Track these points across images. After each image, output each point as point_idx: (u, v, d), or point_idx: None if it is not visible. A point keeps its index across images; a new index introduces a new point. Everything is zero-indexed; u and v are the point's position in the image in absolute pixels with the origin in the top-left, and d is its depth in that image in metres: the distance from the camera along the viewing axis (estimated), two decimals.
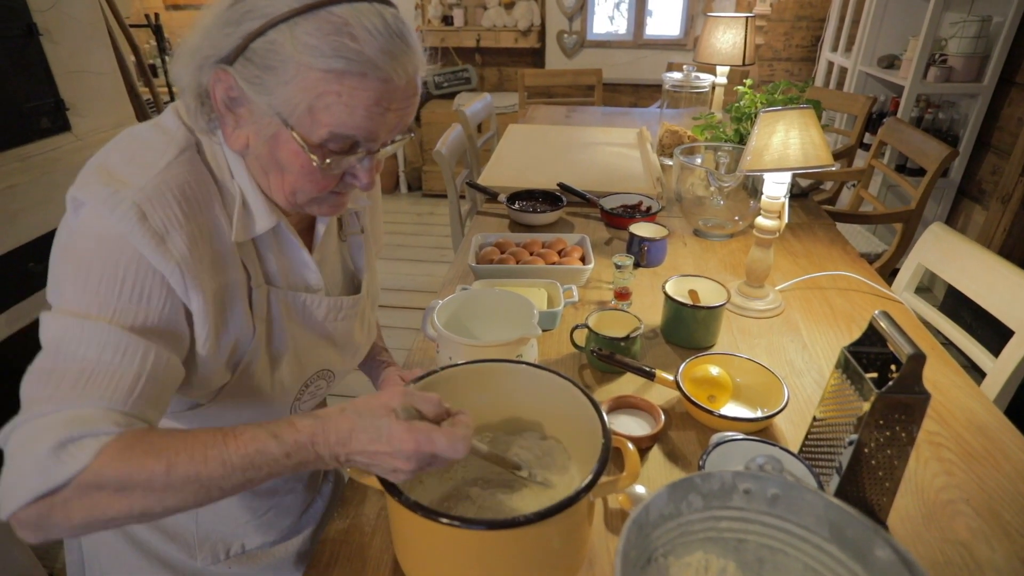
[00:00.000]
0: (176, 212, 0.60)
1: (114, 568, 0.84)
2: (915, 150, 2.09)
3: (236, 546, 0.86)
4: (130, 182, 0.59)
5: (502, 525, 0.55)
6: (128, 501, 0.51)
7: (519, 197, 1.67)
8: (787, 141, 1.04)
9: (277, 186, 0.66)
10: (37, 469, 0.50)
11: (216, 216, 0.65)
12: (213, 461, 0.53)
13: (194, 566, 0.84)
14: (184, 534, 0.83)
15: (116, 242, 0.58)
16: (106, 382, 0.55)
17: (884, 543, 0.49)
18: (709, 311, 1.08)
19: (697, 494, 0.56)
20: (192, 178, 0.63)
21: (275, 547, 0.89)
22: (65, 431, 0.51)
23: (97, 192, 0.58)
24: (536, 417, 0.78)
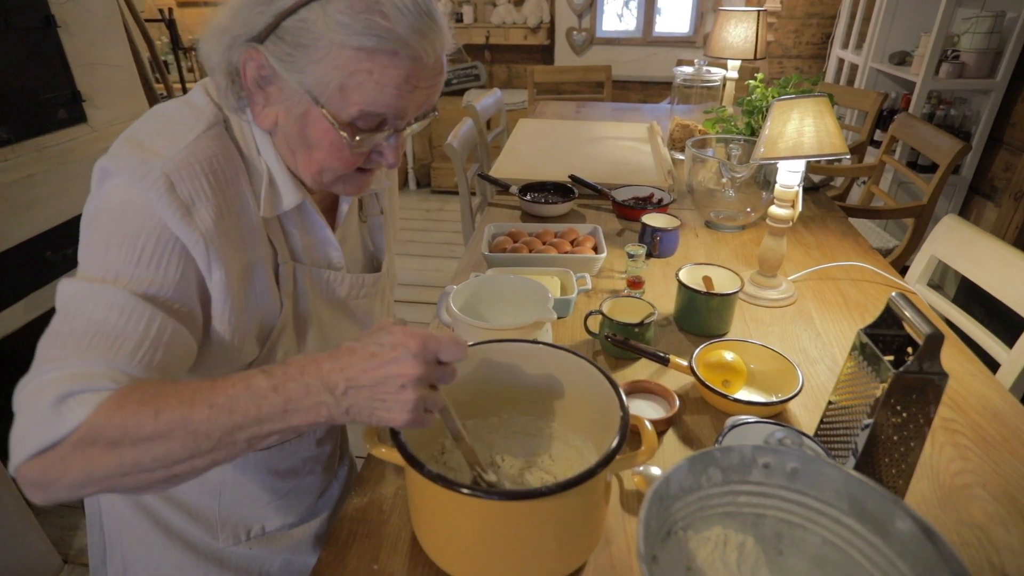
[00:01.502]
0: (203, 185, 0.61)
1: (135, 549, 0.85)
2: (927, 145, 2.08)
3: (256, 528, 0.87)
4: (159, 153, 0.60)
5: (521, 496, 0.55)
6: (118, 453, 0.50)
7: (531, 189, 1.68)
8: (801, 129, 1.04)
9: (304, 164, 0.67)
10: (39, 423, 0.50)
11: (243, 192, 0.66)
12: (200, 404, 0.51)
13: (215, 546, 0.85)
14: (206, 514, 0.83)
15: (140, 210, 0.59)
16: (109, 342, 0.54)
17: (904, 514, 0.50)
18: (723, 299, 1.08)
19: (717, 467, 0.56)
20: (220, 153, 0.64)
21: (293, 529, 0.90)
22: (66, 386, 0.51)
23: (126, 162, 0.59)
24: (552, 396, 0.78)
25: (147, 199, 0.58)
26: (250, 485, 0.84)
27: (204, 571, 0.84)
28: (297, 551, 0.89)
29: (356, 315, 0.83)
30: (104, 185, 0.61)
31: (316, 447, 0.90)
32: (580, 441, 0.76)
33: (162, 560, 0.84)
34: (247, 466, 0.83)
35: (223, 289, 0.64)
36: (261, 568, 0.88)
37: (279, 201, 0.69)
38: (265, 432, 0.53)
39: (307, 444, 0.88)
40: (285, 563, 0.89)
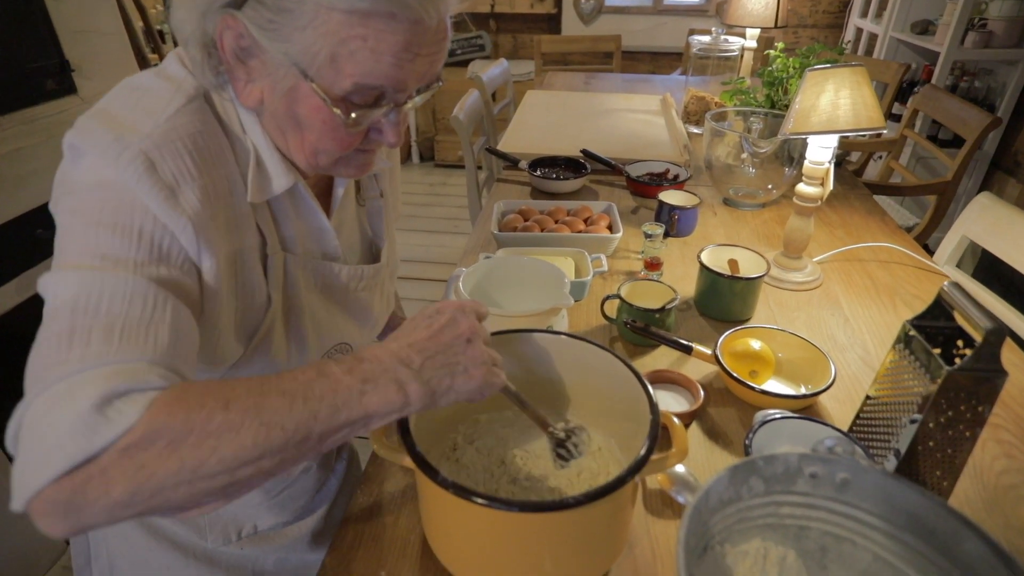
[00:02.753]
0: (188, 163, 0.54)
1: (121, 548, 0.81)
2: (953, 119, 2.00)
3: (248, 527, 0.82)
4: (136, 128, 0.53)
5: (541, 508, 0.50)
6: (179, 455, 0.42)
7: (541, 164, 1.61)
8: (837, 101, 0.97)
9: (297, 146, 0.59)
10: (74, 432, 0.41)
11: (230, 172, 0.59)
12: (272, 392, 0.46)
13: (204, 547, 0.80)
14: (193, 516, 0.78)
15: (121, 192, 0.52)
16: (143, 335, 0.47)
17: (975, 536, 0.45)
18: (747, 282, 1.02)
19: (759, 478, 0.51)
20: (204, 129, 0.57)
21: (288, 527, 0.85)
22: (108, 385, 0.43)
23: (98, 139, 0.52)
24: (573, 390, 0.73)
25: (125, 180, 0.51)
26: None
27: (194, 571, 0.80)
28: (292, 549, 0.85)
29: (353, 309, 0.77)
30: (77, 165, 0.54)
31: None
32: (603, 439, 0.71)
33: (149, 559, 0.79)
34: None
35: (213, 278, 0.57)
36: (254, 567, 0.83)
37: (268, 185, 0.61)
38: (340, 423, 0.47)
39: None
40: (279, 561, 0.85)
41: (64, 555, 1.60)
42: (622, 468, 0.66)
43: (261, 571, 0.84)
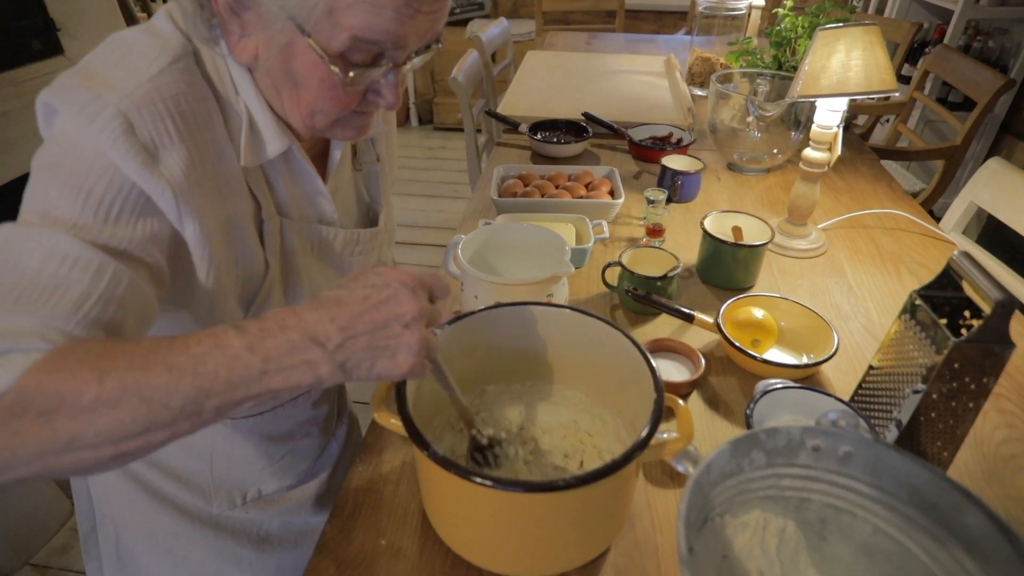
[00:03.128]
0: (169, 126, 0.52)
1: (126, 515, 0.82)
2: (965, 80, 1.95)
3: (252, 491, 0.82)
4: (116, 87, 0.51)
5: (541, 488, 0.50)
6: (52, 426, 0.40)
7: (541, 127, 1.57)
8: (848, 63, 0.93)
9: (292, 106, 0.57)
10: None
11: (217, 137, 0.57)
12: (156, 365, 0.41)
13: (210, 511, 0.81)
14: (198, 480, 0.79)
15: (90, 154, 0.49)
16: (46, 295, 0.44)
17: (977, 509, 0.44)
18: (751, 250, 1.01)
19: (761, 450, 0.51)
20: (189, 91, 0.54)
21: (291, 491, 0.86)
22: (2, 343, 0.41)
23: (74, 97, 0.50)
24: (576, 366, 0.72)
25: (99, 142, 0.49)
26: (243, 450, 0.79)
27: (200, 535, 0.81)
28: (296, 512, 0.86)
29: (348, 272, 0.75)
30: (50, 124, 0.52)
31: (312, 409, 0.84)
32: (611, 416, 0.71)
33: (155, 525, 0.80)
34: (239, 432, 0.78)
35: (201, 244, 0.55)
36: (259, 530, 0.84)
37: (262, 148, 0.59)
38: (238, 398, 0.44)
39: (302, 407, 0.83)
40: (284, 524, 0.86)
41: (72, 518, 1.62)
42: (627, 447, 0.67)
43: (267, 534, 0.85)
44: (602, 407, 0.73)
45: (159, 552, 0.82)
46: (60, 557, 1.54)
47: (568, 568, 0.60)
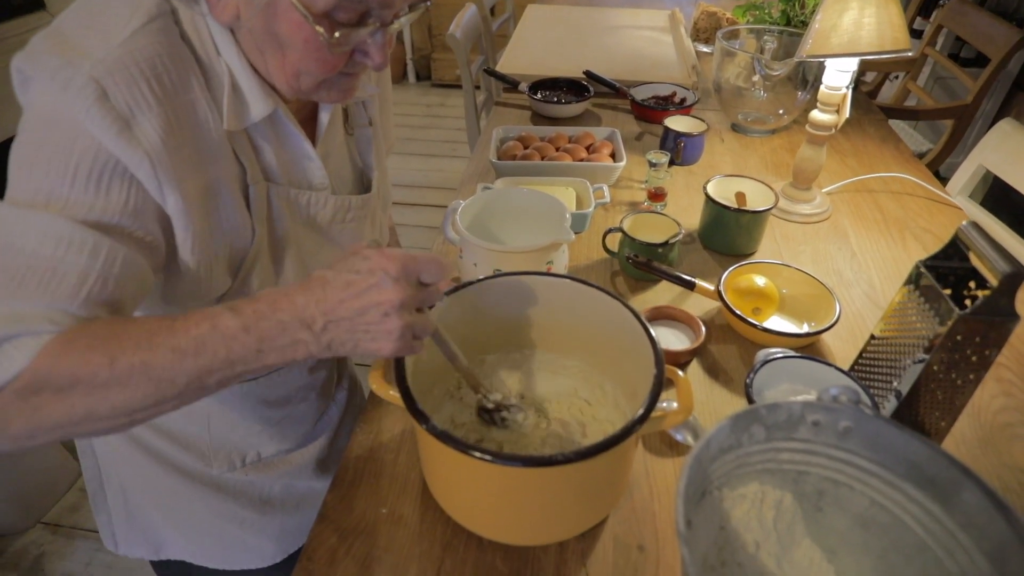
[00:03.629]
0: (144, 91, 0.50)
1: (131, 475, 0.83)
2: (979, 36, 1.89)
3: (252, 454, 0.83)
4: (88, 52, 0.48)
5: (540, 463, 0.50)
6: (69, 402, 0.44)
7: (541, 86, 1.53)
8: (860, 21, 0.90)
9: (277, 68, 0.55)
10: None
11: (196, 99, 0.55)
12: (161, 347, 0.45)
13: (210, 473, 0.82)
14: (197, 444, 0.79)
15: (68, 125, 0.48)
16: (47, 278, 0.46)
17: (975, 486, 0.44)
18: (753, 216, 0.99)
19: (761, 425, 0.51)
20: (166, 52, 0.52)
21: (291, 454, 0.86)
22: (9, 328, 0.44)
23: (45, 63, 0.48)
24: (576, 335, 0.72)
25: (74, 111, 0.47)
26: (239, 415, 0.79)
27: (200, 496, 0.82)
28: (298, 476, 0.87)
29: (341, 241, 0.74)
30: (26, 91, 0.50)
31: (308, 375, 0.84)
32: (612, 386, 0.71)
33: (158, 486, 0.81)
34: (234, 397, 0.78)
35: (181, 214, 0.54)
36: (261, 492, 0.85)
37: (246, 111, 0.57)
38: (237, 373, 0.49)
39: (298, 373, 0.82)
40: (286, 486, 0.87)
41: (80, 479, 1.65)
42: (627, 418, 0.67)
43: (268, 497, 0.86)
44: (602, 376, 0.73)
45: (164, 509, 0.84)
46: (70, 516, 1.58)
47: (567, 536, 0.61)
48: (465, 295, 0.68)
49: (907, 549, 0.50)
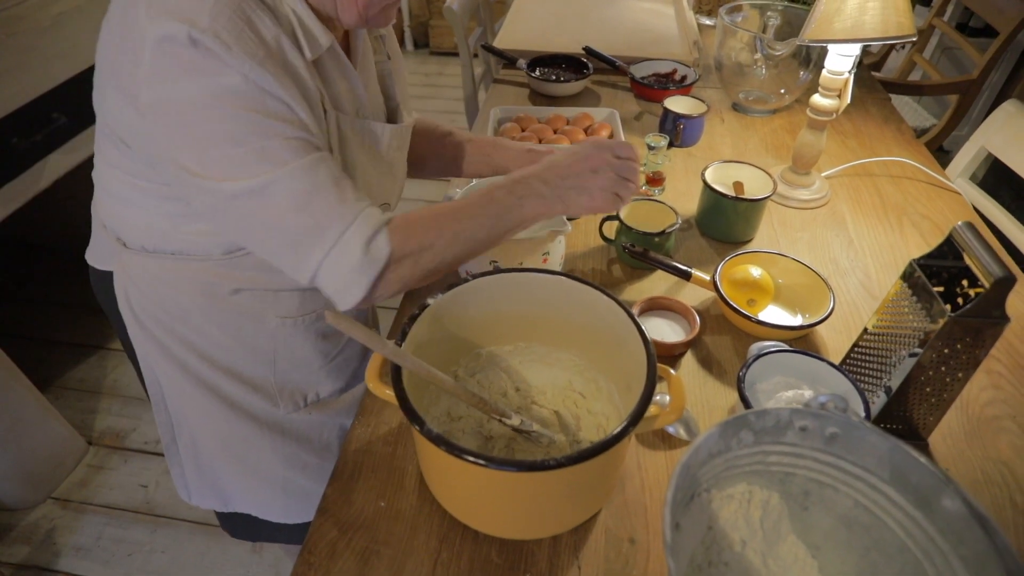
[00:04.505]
0: (251, 36, 0.57)
1: (202, 426, 0.87)
2: (988, 7, 1.84)
3: (312, 394, 0.89)
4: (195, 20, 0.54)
5: (533, 467, 0.51)
6: (421, 264, 0.66)
7: (540, 63, 1.50)
8: (864, 5, 0.88)
9: (349, 2, 0.64)
10: (360, 269, 0.63)
11: (278, 36, 0.61)
12: (464, 217, 0.68)
13: (277, 414, 0.87)
14: (264, 385, 0.85)
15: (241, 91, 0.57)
16: (349, 188, 0.64)
17: (954, 494, 0.45)
18: (751, 203, 0.99)
19: (749, 431, 0.52)
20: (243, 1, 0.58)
21: (343, 394, 0.93)
22: (364, 232, 0.62)
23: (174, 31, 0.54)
24: (571, 330, 0.72)
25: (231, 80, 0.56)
26: (302, 351, 0.85)
27: (268, 441, 0.88)
28: (347, 415, 0.93)
29: (393, 168, 0.81)
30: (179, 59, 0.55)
31: (354, 309, 0.90)
32: (605, 382, 0.72)
33: (228, 434, 0.86)
34: (298, 332, 0.84)
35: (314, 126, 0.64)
36: (320, 437, 0.92)
37: (316, 42, 0.65)
38: (512, 225, 0.70)
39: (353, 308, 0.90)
40: (341, 431, 0.93)
41: (87, 455, 1.69)
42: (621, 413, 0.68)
43: (327, 443, 0.93)
44: (596, 370, 0.74)
45: (233, 461, 0.89)
46: (80, 491, 1.61)
47: (561, 531, 0.63)
48: (462, 291, 0.68)
49: (888, 549, 0.51)
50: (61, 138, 1.52)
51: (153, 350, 0.82)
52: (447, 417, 0.71)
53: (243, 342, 0.82)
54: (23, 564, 1.47)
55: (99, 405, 1.83)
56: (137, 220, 0.74)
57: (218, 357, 0.82)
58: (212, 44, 0.54)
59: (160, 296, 0.78)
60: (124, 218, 0.75)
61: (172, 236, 0.73)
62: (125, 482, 1.64)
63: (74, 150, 1.56)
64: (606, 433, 0.69)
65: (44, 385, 1.85)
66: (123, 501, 1.60)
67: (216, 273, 0.75)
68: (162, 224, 0.72)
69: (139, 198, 0.71)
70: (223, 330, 0.80)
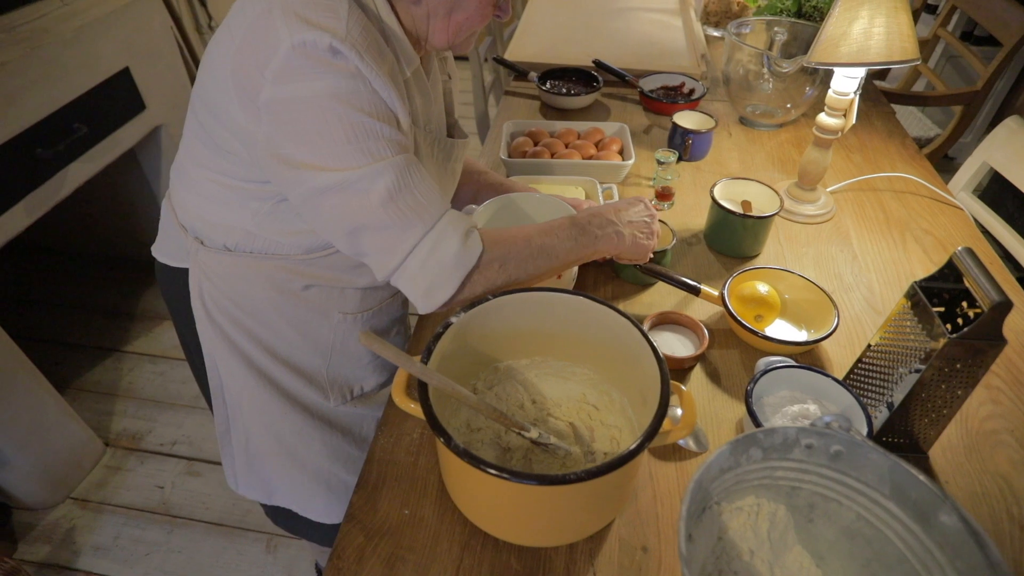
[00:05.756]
0: (374, 52, 0.65)
1: (257, 419, 0.92)
2: (993, 19, 1.87)
3: (357, 388, 0.96)
4: (335, 31, 0.61)
5: (553, 481, 0.54)
6: (506, 271, 0.73)
7: (551, 76, 1.53)
8: (870, 30, 0.91)
9: (441, 28, 0.71)
10: (457, 261, 0.69)
11: (390, 52, 0.69)
12: (547, 236, 0.77)
13: (327, 406, 0.94)
14: (318, 377, 0.92)
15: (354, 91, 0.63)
16: (438, 193, 0.70)
17: (952, 510, 0.49)
18: (758, 220, 1.02)
19: (758, 448, 0.55)
20: (364, 18, 0.65)
21: (383, 389, 1.00)
22: (460, 227, 0.70)
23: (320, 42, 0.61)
24: (585, 346, 0.75)
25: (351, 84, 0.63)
26: (355, 346, 0.92)
27: (318, 433, 0.93)
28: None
29: (453, 180, 0.90)
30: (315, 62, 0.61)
31: (401, 308, 1.01)
32: (619, 396, 0.75)
33: (281, 424, 0.91)
34: (354, 329, 0.91)
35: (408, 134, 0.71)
36: (360, 428, 0.98)
37: (412, 61, 0.72)
38: (585, 255, 0.81)
39: (397, 305, 0.98)
40: (378, 422, 0.98)
41: (104, 455, 1.73)
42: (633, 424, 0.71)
43: (368, 435, 0.99)
44: (609, 384, 0.77)
45: (282, 454, 0.94)
46: (98, 491, 1.65)
47: (577, 539, 0.66)
48: (482, 309, 0.71)
49: (888, 560, 0.54)
50: (82, 147, 1.56)
51: (220, 343, 0.87)
52: (467, 428, 0.75)
53: (306, 335, 0.88)
54: (44, 563, 1.51)
55: (115, 407, 1.87)
56: (222, 219, 0.79)
57: (281, 350, 0.88)
58: (349, 52, 0.62)
59: (234, 291, 0.83)
60: (208, 218, 0.80)
61: (256, 236, 0.79)
62: (142, 483, 1.68)
63: (94, 159, 1.60)
64: (619, 444, 0.73)
65: (61, 387, 1.88)
66: (140, 502, 1.63)
67: (291, 270, 0.81)
68: (247, 224, 0.78)
69: (228, 197, 0.76)
70: (290, 324, 0.86)
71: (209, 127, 0.73)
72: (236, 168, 0.73)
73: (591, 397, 0.78)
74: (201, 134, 0.75)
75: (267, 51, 0.62)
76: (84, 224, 2.22)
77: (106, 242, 2.28)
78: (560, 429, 0.76)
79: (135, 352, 2.02)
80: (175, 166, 0.84)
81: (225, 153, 0.73)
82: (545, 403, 0.78)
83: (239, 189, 0.75)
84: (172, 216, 0.86)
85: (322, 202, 0.67)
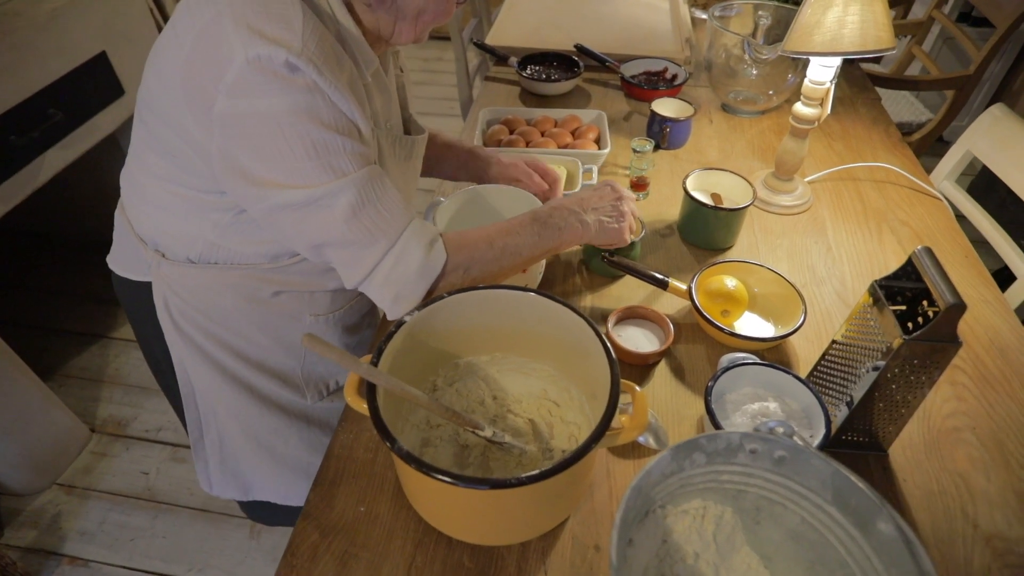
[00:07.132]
0: (332, 61, 0.63)
1: (232, 423, 0.92)
2: (987, 1, 1.83)
3: (332, 382, 0.97)
4: (290, 44, 0.60)
5: (499, 485, 0.54)
6: (471, 275, 0.74)
7: (531, 61, 1.51)
8: (844, 19, 0.88)
9: (408, 29, 0.71)
10: (421, 272, 0.70)
11: (348, 59, 0.67)
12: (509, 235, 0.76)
13: (304, 404, 0.95)
14: (292, 377, 0.92)
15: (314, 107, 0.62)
16: (402, 201, 0.71)
17: (888, 518, 0.48)
18: (731, 212, 1.00)
19: (702, 453, 0.54)
20: (318, 25, 0.63)
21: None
22: (423, 238, 0.70)
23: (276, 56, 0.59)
24: (543, 342, 0.75)
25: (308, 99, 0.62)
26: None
27: (296, 429, 0.94)
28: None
29: (412, 177, 0.89)
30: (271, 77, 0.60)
31: (371, 302, 0.97)
32: (575, 390, 0.74)
33: (259, 426, 0.92)
34: (328, 326, 0.91)
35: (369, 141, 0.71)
36: (336, 420, 0.96)
37: (371, 63, 0.71)
38: (550, 248, 0.80)
39: (367, 301, 0.98)
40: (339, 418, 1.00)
41: (90, 442, 1.74)
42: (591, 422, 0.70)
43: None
44: (568, 381, 0.76)
45: (260, 453, 0.95)
46: (84, 477, 1.67)
47: (530, 537, 0.66)
48: (437, 307, 0.71)
49: (831, 564, 0.54)
50: (58, 134, 1.54)
51: (189, 354, 0.86)
52: (426, 425, 0.74)
53: (279, 339, 0.88)
54: (30, 548, 1.52)
55: (101, 393, 1.87)
56: (183, 231, 0.77)
57: (253, 355, 0.88)
58: (306, 67, 0.60)
59: (201, 302, 0.82)
60: (168, 230, 0.78)
61: (219, 246, 0.77)
62: (127, 469, 1.69)
63: (71, 145, 1.59)
64: (577, 442, 0.72)
65: (47, 374, 1.89)
66: (125, 487, 1.65)
67: (259, 278, 0.81)
68: (209, 235, 0.76)
69: (186, 208, 0.74)
70: (261, 330, 0.86)
71: (160, 135, 0.70)
72: (192, 179, 0.71)
73: (552, 393, 0.78)
74: (152, 142, 0.72)
75: (220, 64, 0.60)
76: (69, 210, 2.21)
77: (92, 228, 2.26)
78: (519, 426, 0.76)
79: (121, 339, 2.02)
80: (125, 176, 0.81)
81: (180, 163, 0.71)
82: (506, 399, 0.78)
83: (197, 200, 0.73)
84: (128, 228, 0.84)
85: (284, 217, 0.66)
